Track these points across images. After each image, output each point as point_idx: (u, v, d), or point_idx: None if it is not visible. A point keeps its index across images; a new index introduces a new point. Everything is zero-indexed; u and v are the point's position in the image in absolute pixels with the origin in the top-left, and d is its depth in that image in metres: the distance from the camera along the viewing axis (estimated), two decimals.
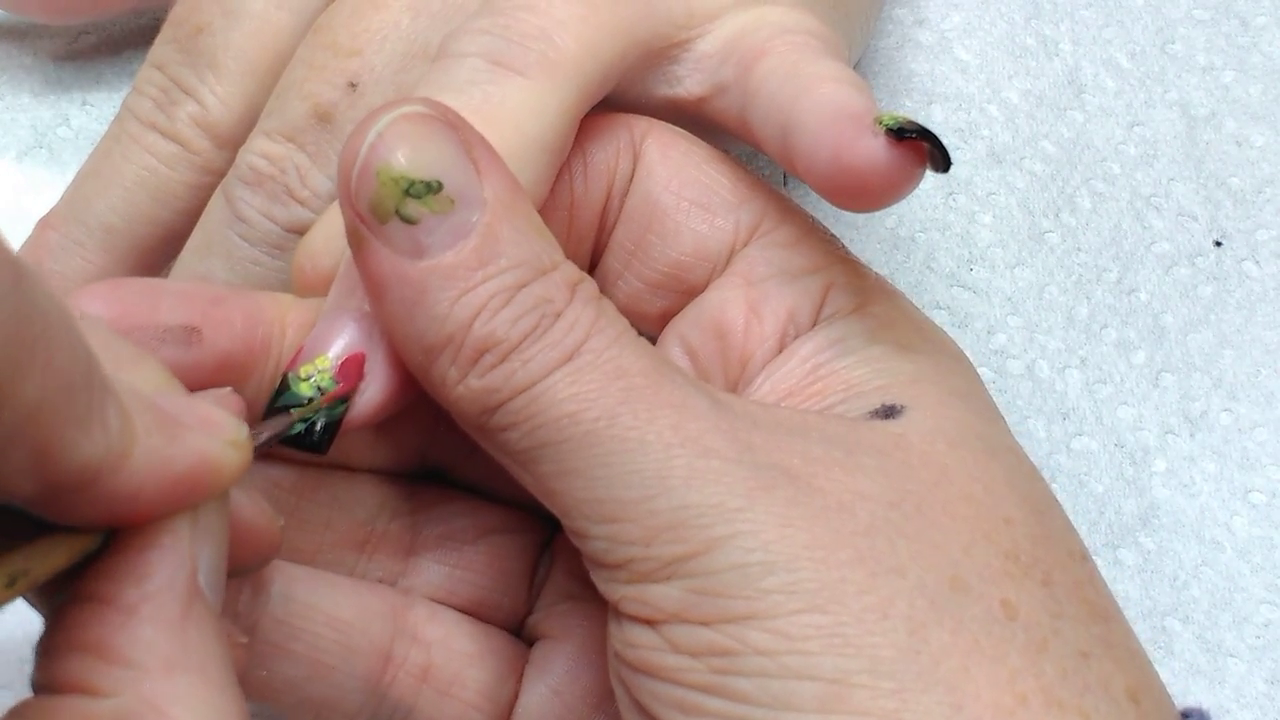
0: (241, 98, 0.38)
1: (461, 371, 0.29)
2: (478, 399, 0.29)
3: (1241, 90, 0.48)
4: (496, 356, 0.29)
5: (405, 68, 0.36)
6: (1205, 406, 0.43)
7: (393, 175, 0.29)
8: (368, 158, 0.30)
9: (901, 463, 0.29)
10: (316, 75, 0.36)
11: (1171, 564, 0.41)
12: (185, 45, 0.38)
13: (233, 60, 0.38)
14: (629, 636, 0.29)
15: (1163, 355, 0.44)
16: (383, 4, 0.36)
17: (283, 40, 0.38)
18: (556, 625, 0.34)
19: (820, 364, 0.32)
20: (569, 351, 0.29)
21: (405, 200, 0.29)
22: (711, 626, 0.28)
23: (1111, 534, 0.41)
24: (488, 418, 0.30)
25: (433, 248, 0.29)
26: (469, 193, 0.30)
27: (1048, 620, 0.28)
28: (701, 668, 0.28)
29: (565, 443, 0.29)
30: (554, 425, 0.29)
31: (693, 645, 0.28)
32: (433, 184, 0.30)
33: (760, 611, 0.27)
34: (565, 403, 0.29)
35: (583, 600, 0.34)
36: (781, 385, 0.32)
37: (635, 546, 0.28)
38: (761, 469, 0.28)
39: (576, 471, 0.29)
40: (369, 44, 0.36)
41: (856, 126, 0.31)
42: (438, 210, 0.29)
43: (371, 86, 0.35)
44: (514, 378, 0.29)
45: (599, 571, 0.29)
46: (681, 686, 0.28)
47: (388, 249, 0.30)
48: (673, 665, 0.28)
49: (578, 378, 0.29)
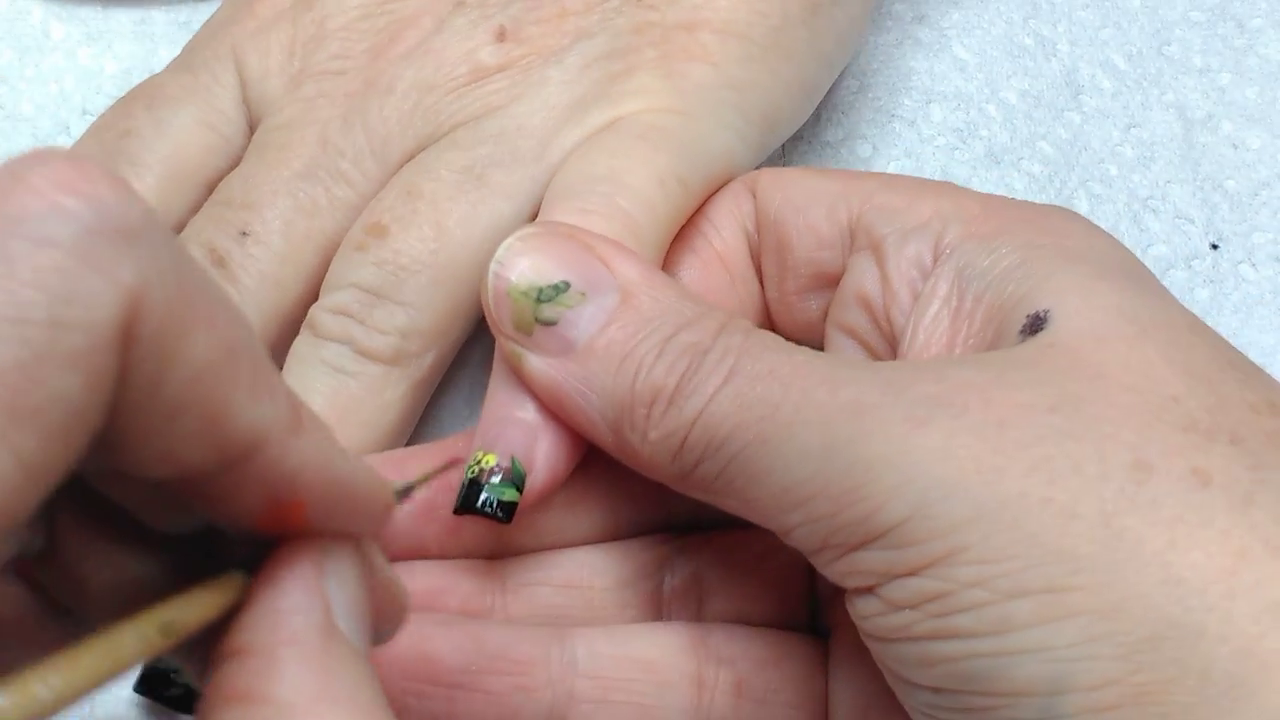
0: (156, 195, 0.40)
1: (641, 432, 0.32)
2: (663, 449, 0.31)
3: (1238, 92, 0.48)
4: (664, 403, 0.31)
5: (293, 220, 0.38)
6: None
7: (522, 290, 0.33)
8: (496, 284, 0.33)
9: (1053, 370, 0.30)
10: (213, 225, 0.38)
11: None
12: (110, 146, 0.40)
13: (156, 163, 0.40)
14: (860, 609, 0.30)
15: None
16: (274, 165, 0.39)
17: (204, 156, 0.40)
18: (839, 613, 0.35)
19: (957, 303, 0.33)
20: (725, 375, 0.31)
21: (540, 307, 0.33)
22: (919, 574, 0.28)
23: None
24: (679, 464, 0.31)
25: (579, 338, 0.32)
26: (598, 281, 0.33)
27: (1246, 475, 0.28)
28: (922, 617, 0.28)
29: (743, 451, 0.30)
30: (730, 440, 0.30)
31: (909, 598, 0.28)
32: (560, 285, 0.33)
33: (955, 546, 0.28)
34: (732, 416, 0.30)
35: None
36: (934, 335, 0.33)
37: (827, 520, 0.29)
38: (915, 406, 0.29)
39: (763, 472, 0.30)
40: (261, 199, 0.38)
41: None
42: (573, 305, 0.32)
43: (263, 235, 0.38)
44: (683, 414, 0.31)
45: (815, 559, 0.30)
46: (913, 641, 0.29)
47: (541, 354, 0.32)
48: (900, 623, 0.29)
49: (737, 392, 0.31)
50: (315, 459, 0.24)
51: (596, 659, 0.34)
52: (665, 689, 0.34)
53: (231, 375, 0.22)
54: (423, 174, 0.38)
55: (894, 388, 0.30)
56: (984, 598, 0.28)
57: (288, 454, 0.23)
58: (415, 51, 0.40)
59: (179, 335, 0.21)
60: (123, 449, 0.22)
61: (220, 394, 0.22)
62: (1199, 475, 0.28)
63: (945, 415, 0.29)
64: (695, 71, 0.38)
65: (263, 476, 0.23)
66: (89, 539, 0.26)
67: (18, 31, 0.47)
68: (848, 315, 0.36)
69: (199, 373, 0.21)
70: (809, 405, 0.30)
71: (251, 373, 0.23)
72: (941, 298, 0.33)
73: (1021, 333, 0.31)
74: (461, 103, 0.39)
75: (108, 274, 0.20)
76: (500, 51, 0.39)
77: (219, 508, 0.24)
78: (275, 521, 0.24)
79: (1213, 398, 0.29)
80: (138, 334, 0.21)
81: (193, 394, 0.22)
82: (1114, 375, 0.29)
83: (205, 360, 0.21)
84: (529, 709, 0.34)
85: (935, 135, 0.46)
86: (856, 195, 0.36)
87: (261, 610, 0.24)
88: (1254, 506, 0.28)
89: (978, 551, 0.28)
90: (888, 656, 0.30)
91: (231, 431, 0.22)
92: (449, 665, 0.33)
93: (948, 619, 0.28)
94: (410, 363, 0.37)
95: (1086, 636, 0.27)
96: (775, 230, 0.37)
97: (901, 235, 0.34)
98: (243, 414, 0.22)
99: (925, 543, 0.28)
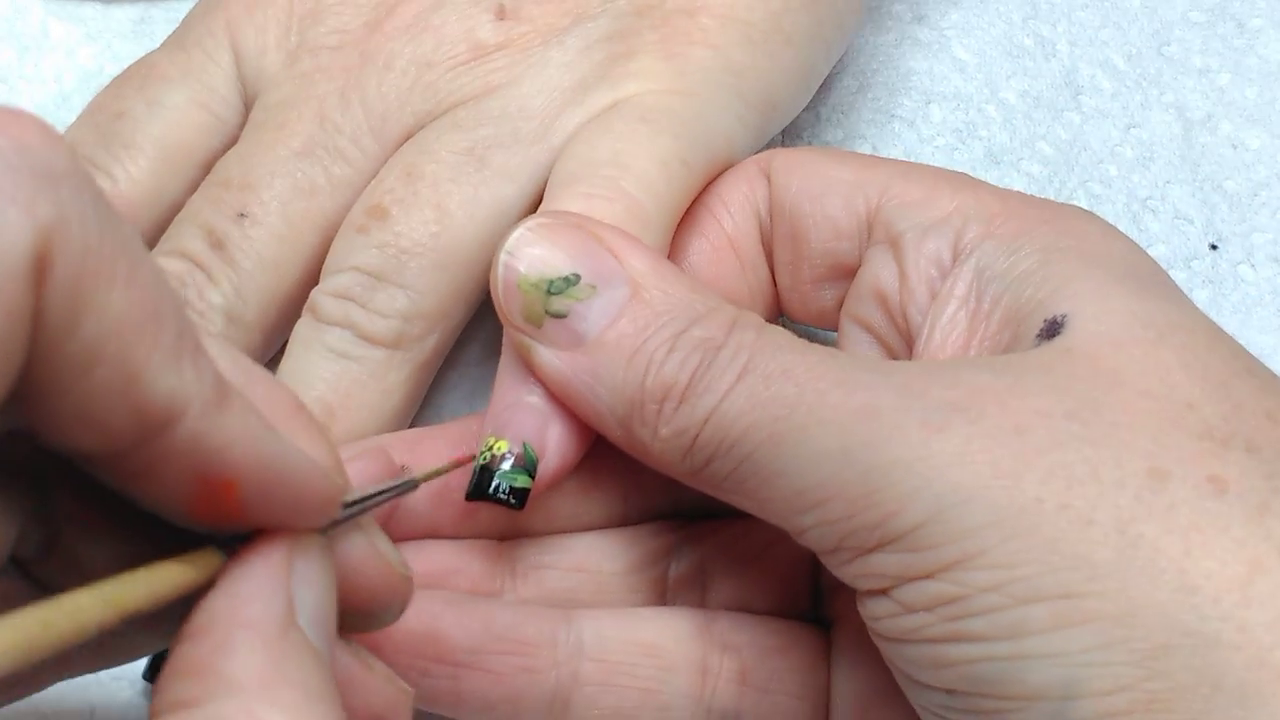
0: (151, 177, 0.40)
1: (652, 428, 0.32)
2: (674, 446, 0.31)
3: (1237, 93, 0.48)
4: (675, 400, 0.31)
5: (291, 201, 0.38)
6: None
7: (531, 281, 0.33)
8: (505, 275, 0.33)
9: (1069, 375, 0.30)
10: (211, 207, 0.38)
11: None
12: (104, 128, 0.40)
13: (149, 144, 0.40)
14: (871, 610, 0.30)
15: None
16: (271, 145, 0.38)
17: (199, 137, 0.40)
18: (842, 604, 0.35)
19: (975, 304, 0.33)
20: (738, 373, 0.31)
21: (550, 299, 0.32)
22: (934, 578, 0.28)
23: None
24: (690, 461, 0.31)
25: (589, 331, 0.32)
26: (608, 273, 0.32)
27: (1263, 483, 0.28)
28: (936, 620, 0.28)
29: (756, 451, 0.30)
30: (743, 440, 0.30)
31: (923, 601, 0.29)
32: (570, 277, 0.32)
33: (971, 551, 0.28)
34: (745, 415, 0.30)
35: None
36: (951, 335, 0.33)
37: (842, 523, 0.29)
38: (932, 412, 0.29)
39: (776, 474, 0.30)
40: (259, 180, 0.38)
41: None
42: (583, 298, 0.32)
43: (261, 217, 0.38)
44: (695, 412, 0.31)
45: (828, 560, 0.30)
46: (926, 643, 0.29)
47: (551, 347, 0.32)
48: (913, 626, 0.29)
49: (751, 392, 0.30)
50: (243, 436, 0.24)
51: (602, 642, 0.34)
52: (670, 674, 0.34)
53: (151, 337, 0.22)
54: (423, 155, 0.38)
55: (910, 391, 0.29)
56: (999, 602, 0.28)
57: (211, 429, 0.23)
58: (413, 27, 0.40)
59: (95, 283, 0.21)
60: (40, 402, 0.22)
61: (138, 354, 0.22)
62: (1215, 483, 0.28)
63: (962, 420, 0.29)
64: (696, 54, 0.38)
65: (186, 451, 0.23)
66: (89, 530, 0.26)
67: (17, 31, 0.47)
68: (863, 309, 0.35)
69: (115, 326, 0.22)
70: (824, 407, 0.30)
71: (174, 339, 0.23)
72: (959, 298, 0.33)
73: (1038, 336, 0.31)
74: (461, 80, 0.39)
75: (23, 206, 0.21)
76: (500, 29, 0.39)
77: (147, 488, 0.24)
78: (208, 505, 0.24)
79: (1229, 404, 0.29)
80: (52, 272, 0.21)
81: (108, 348, 0.22)
82: (1131, 381, 0.29)
83: (123, 314, 0.22)
84: (533, 690, 0.34)
85: (935, 135, 0.47)
86: (874, 185, 0.35)
87: (224, 593, 0.25)
88: (1269, 515, 0.28)
89: (994, 556, 0.28)
90: (899, 658, 0.30)
91: (149, 395, 0.22)
92: (455, 644, 0.33)
93: (962, 622, 0.28)
94: (413, 346, 0.37)
95: (1100, 642, 0.27)
96: (790, 219, 0.36)
97: (921, 231, 0.34)
98: (161, 378, 0.22)
99: (941, 547, 0.28)
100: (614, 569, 0.36)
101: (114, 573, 0.24)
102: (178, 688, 0.23)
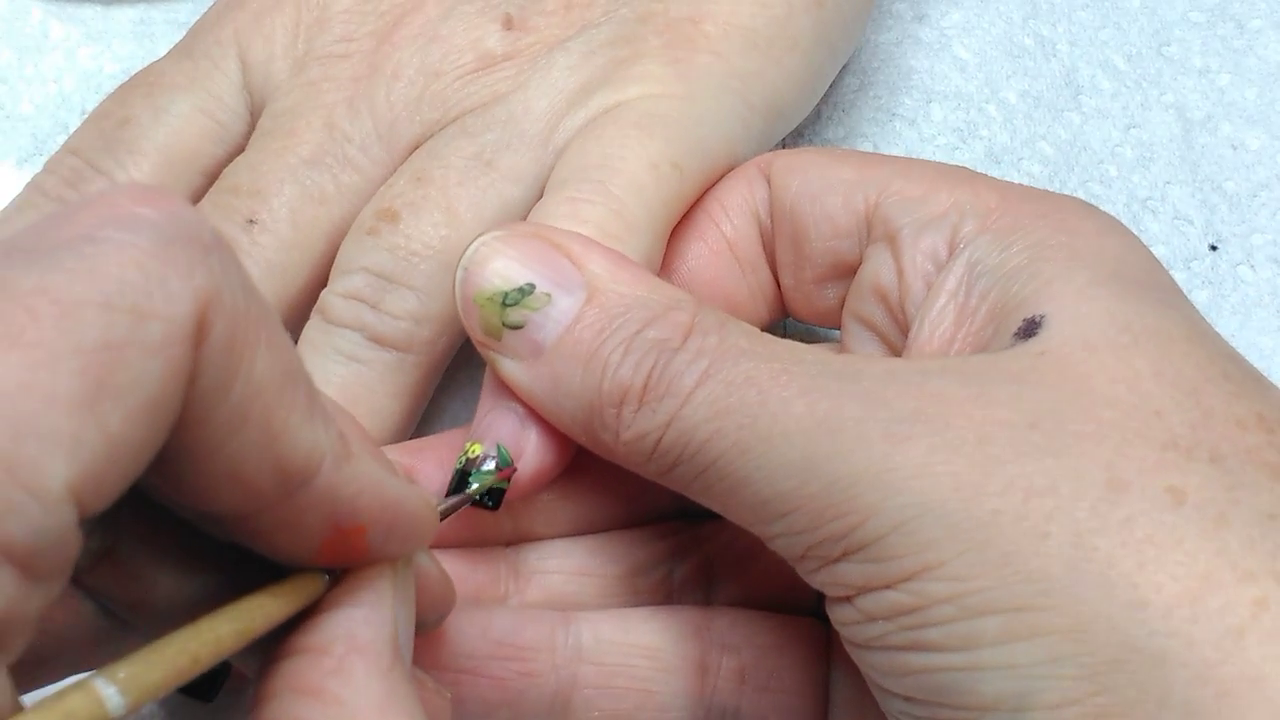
0: (154, 182, 0.40)
1: (614, 432, 0.31)
2: (638, 450, 0.31)
3: (1237, 93, 0.48)
4: (633, 403, 0.31)
5: (300, 208, 0.38)
6: None
7: (487, 295, 0.33)
8: (463, 291, 0.33)
9: (1037, 384, 0.30)
10: (219, 213, 0.38)
11: None
12: (108, 133, 0.40)
13: (153, 150, 0.40)
14: (838, 617, 0.30)
15: None
16: (280, 153, 0.39)
17: (203, 144, 0.40)
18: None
19: (963, 299, 0.33)
20: (698, 377, 0.31)
21: (506, 311, 0.32)
22: (895, 588, 0.29)
23: None
24: (655, 463, 0.31)
25: (547, 339, 0.32)
26: (564, 280, 0.32)
27: (1223, 494, 0.28)
28: (895, 629, 0.29)
29: (721, 459, 0.30)
30: (707, 447, 0.30)
31: (883, 610, 0.29)
32: (524, 288, 0.32)
33: (931, 563, 0.28)
34: (708, 423, 0.30)
35: None
36: (939, 329, 0.33)
37: (808, 534, 0.29)
38: (896, 423, 0.29)
39: (742, 481, 0.30)
40: (268, 187, 0.38)
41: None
42: (538, 307, 0.32)
43: (270, 223, 0.38)
44: (656, 416, 0.31)
45: (796, 567, 0.31)
46: (887, 651, 0.29)
47: (512, 358, 0.33)
48: (875, 634, 0.29)
49: (713, 398, 0.30)
50: (370, 484, 0.25)
51: (600, 645, 0.34)
52: (668, 675, 0.35)
53: (290, 397, 0.23)
54: (432, 160, 0.38)
55: (874, 400, 0.30)
56: (954, 614, 0.28)
57: (344, 479, 0.24)
58: (421, 37, 0.40)
59: (244, 347, 0.22)
60: (186, 465, 0.23)
61: (280, 413, 0.23)
62: (1174, 494, 0.28)
63: (925, 431, 0.29)
64: (699, 60, 0.39)
65: (321, 503, 0.24)
66: (153, 548, 0.27)
67: (17, 31, 0.47)
68: (864, 307, 0.36)
69: (261, 387, 0.23)
70: (788, 417, 0.30)
71: (307, 398, 0.24)
72: (949, 291, 0.33)
73: (1015, 335, 0.31)
74: (468, 90, 0.39)
75: (184, 275, 0.22)
76: (507, 40, 0.40)
77: (279, 540, 0.25)
78: (336, 551, 0.25)
79: (1197, 412, 0.29)
80: (208, 337, 0.22)
81: (254, 408, 0.23)
82: (1099, 388, 0.29)
83: (267, 377, 0.23)
84: (532, 694, 0.34)
85: (935, 135, 0.47)
86: (874, 183, 0.36)
87: (336, 616, 0.25)
88: (1225, 528, 0.28)
89: (951, 569, 0.28)
90: (864, 663, 0.31)
91: (290, 452, 0.23)
92: (454, 650, 0.34)
93: (919, 632, 0.28)
94: (422, 349, 0.37)
95: (1051, 656, 0.27)
96: (791, 219, 0.37)
97: (918, 227, 0.34)
98: (300, 436, 0.23)
99: (902, 558, 0.28)
100: (618, 571, 0.36)
101: (174, 585, 0.25)
102: (292, 705, 0.24)
